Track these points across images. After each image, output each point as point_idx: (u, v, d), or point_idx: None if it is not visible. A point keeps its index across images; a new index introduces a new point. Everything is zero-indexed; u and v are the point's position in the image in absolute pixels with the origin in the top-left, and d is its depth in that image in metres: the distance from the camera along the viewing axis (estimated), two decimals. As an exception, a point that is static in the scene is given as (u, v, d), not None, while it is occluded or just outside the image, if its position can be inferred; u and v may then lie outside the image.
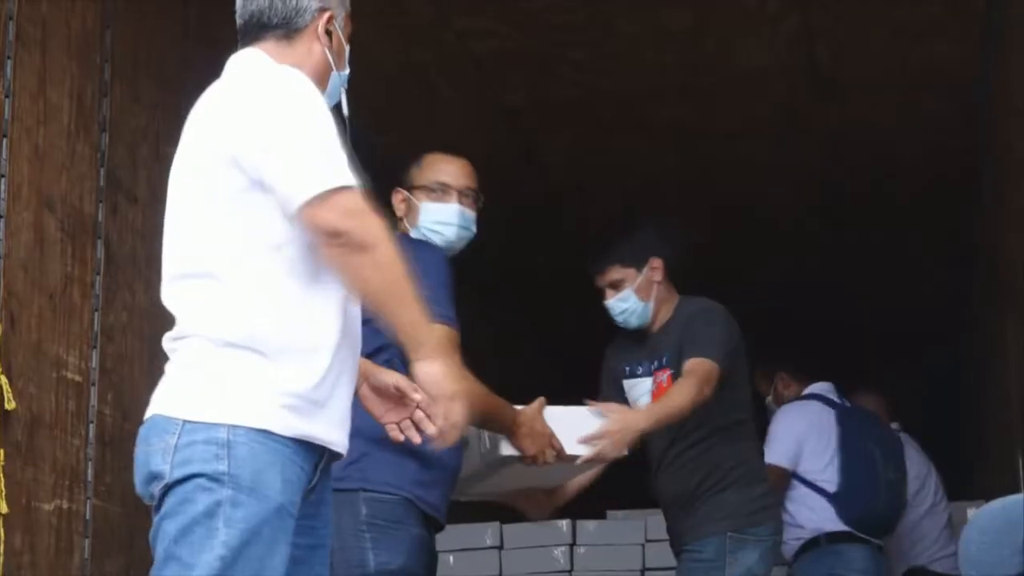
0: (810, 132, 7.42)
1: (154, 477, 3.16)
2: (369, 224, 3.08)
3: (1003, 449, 7.06)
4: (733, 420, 5.15)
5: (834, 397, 6.43)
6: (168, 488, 3.12)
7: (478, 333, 4.95)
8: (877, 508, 6.21)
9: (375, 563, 4.04)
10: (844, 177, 8.04)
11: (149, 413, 3.25)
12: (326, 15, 3.41)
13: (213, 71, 5.45)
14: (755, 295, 5.87)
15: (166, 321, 5.15)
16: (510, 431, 4.38)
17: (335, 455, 3.29)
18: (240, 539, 3.06)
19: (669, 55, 6.65)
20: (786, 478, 6.17)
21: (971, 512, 6.97)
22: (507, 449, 4.43)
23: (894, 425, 7.01)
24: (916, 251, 9.09)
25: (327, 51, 3.41)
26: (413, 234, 4.42)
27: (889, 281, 9.62)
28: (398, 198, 4.47)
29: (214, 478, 3.07)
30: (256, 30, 3.42)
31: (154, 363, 5.09)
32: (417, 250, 4.03)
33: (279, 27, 3.40)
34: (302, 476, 3.18)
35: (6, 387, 4.15)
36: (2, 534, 4.10)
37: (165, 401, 3.23)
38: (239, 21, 3.48)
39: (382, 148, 3.64)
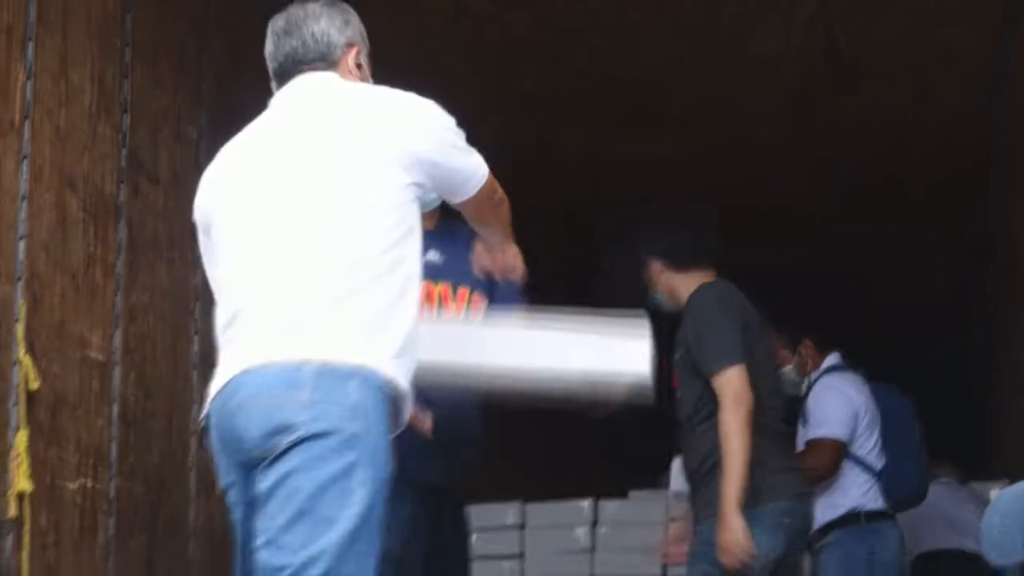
0: (826, 118, 7.42)
1: (284, 428, 3.20)
2: (499, 189, 3.64)
3: (1019, 432, 7.07)
4: (704, 412, 5.14)
5: (861, 372, 6.40)
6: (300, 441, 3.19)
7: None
8: (916, 489, 6.23)
9: None
10: (859, 164, 8.04)
11: (263, 361, 3.28)
12: (354, 50, 3.58)
13: (231, 54, 5.52)
14: (767, 283, 5.84)
15: (188, 301, 5.21)
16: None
17: None
18: (368, 501, 3.18)
19: (684, 42, 6.67)
20: (842, 453, 6.12)
21: (993, 493, 6.98)
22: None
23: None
24: (929, 239, 9.08)
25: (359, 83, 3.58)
26: None
27: (901, 267, 9.62)
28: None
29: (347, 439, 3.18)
30: (294, 67, 3.55)
31: (176, 343, 5.13)
32: None
33: (316, 62, 3.54)
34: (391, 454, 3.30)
35: (30, 367, 4.17)
36: (28, 513, 4.12)
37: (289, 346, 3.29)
38: (273, 64, 3.58)
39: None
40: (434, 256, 4.33)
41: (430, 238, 4.30)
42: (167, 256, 5.04)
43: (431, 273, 4.26)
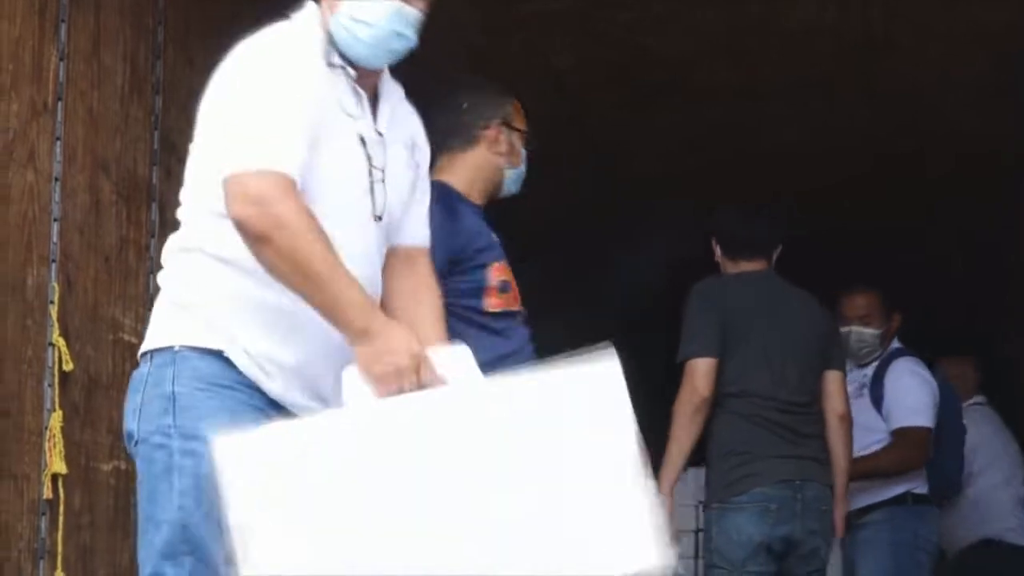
0: (859, 94, 7.38)
1: (128, 436, 3.21)
2: (269, 212, 2.95)
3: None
4: (717, 394, 5.25)
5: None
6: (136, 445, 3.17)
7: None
8: (956, 479, 6.23)
9: None
10: (895, 139, 7.99)
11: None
12: None
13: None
14: (796, 258, 5.83)
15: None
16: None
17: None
18: (197, 487, 3.03)
19: (715, 16, 6.63)
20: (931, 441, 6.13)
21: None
22: None
23: (979, 398, 6.98)
24: (960, 219, 9.04)
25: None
26: (511, 175, 4.40)
27: (932, 248, 9.58)
28: (499, 134, 4.40)
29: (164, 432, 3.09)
30: None
31: (208, 325, 5.13)
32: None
33: None
34: (262, 420, 3.05)
35: (64, 349, 4.18)
36: (62, 494, 4.14)
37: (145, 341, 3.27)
38: None
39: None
40: (495, 236, 4.35)
41: (485, 218, 4.35)
42: (200, 238, 5.03)
43: (500, 253, 4.29)
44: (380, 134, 3.26)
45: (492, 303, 4.22)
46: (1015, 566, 6.61)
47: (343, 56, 3.23)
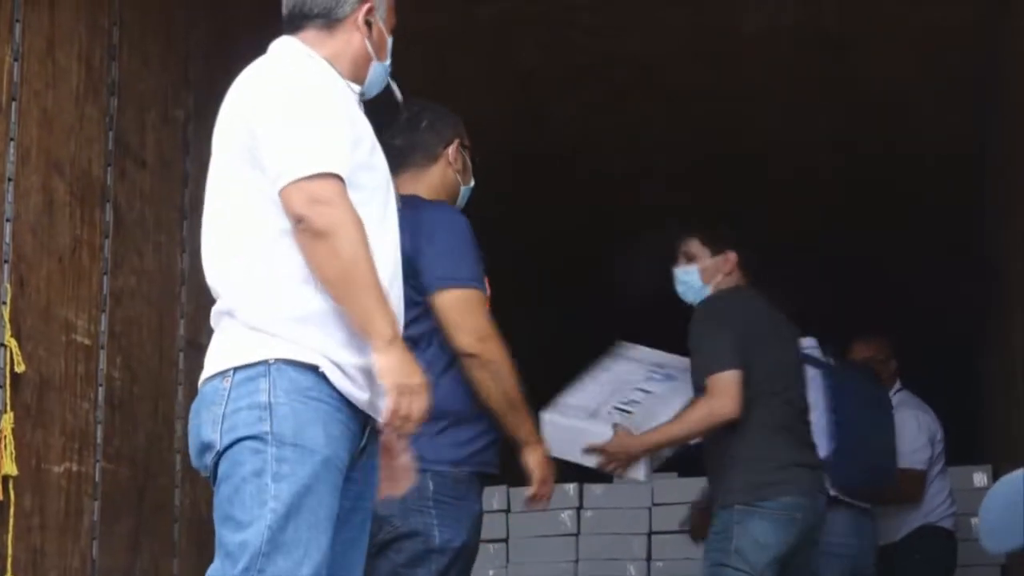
0: (820, 93, 7.41)
1: (206, 447, 3.28)
2: (331, 213, 3.20)
3: (1006, 413, 7.08)
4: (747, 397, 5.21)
5: (818, 355, 6.39)
6: (219, 455, 3.25)
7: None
8: (865, 474, 6.21)
9: (440, 539, 4.07)
10: (856, 137, 8.02)
11: (200, 382, 3.37)
12: (366, 6, 3.51)
13: (219, 34, 5.50)
14: (766, 257, 5.86)
15: (174, 284, 5.20)
16: (521, 446, 4.29)
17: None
18: (290, 492, 3.17)
19: (679, 18, 6.64)
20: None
21: (977, 477, 7.01)
22: None
23: (897, 385, 7.01)
24: (926, 218, 9.07)
25: (367, 41, 3.51)
26: (464, 192, 4.45)
27: (901, 246, 9.61)
28: (457, 152, 4.44)
29: (259, 438, 3.20)
30: (299, 20, 3.51)
31: (163, 326, 5.12)
32: (442, 212, 4.21)
33: (320, 17, 3.49)
34: (346, 434, 3.27)
35: (15, 350, 4.17)
36: (12, 496, 4.12)
37: (212, 362, 3.34)
38: (284, 10, 3.55)
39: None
40: None
41: None
42: (154, 239, 5.03)
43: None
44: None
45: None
46: (950, 550, 6.74)
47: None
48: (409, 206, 4.01)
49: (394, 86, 3.64)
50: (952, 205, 8.75)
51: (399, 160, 4.15)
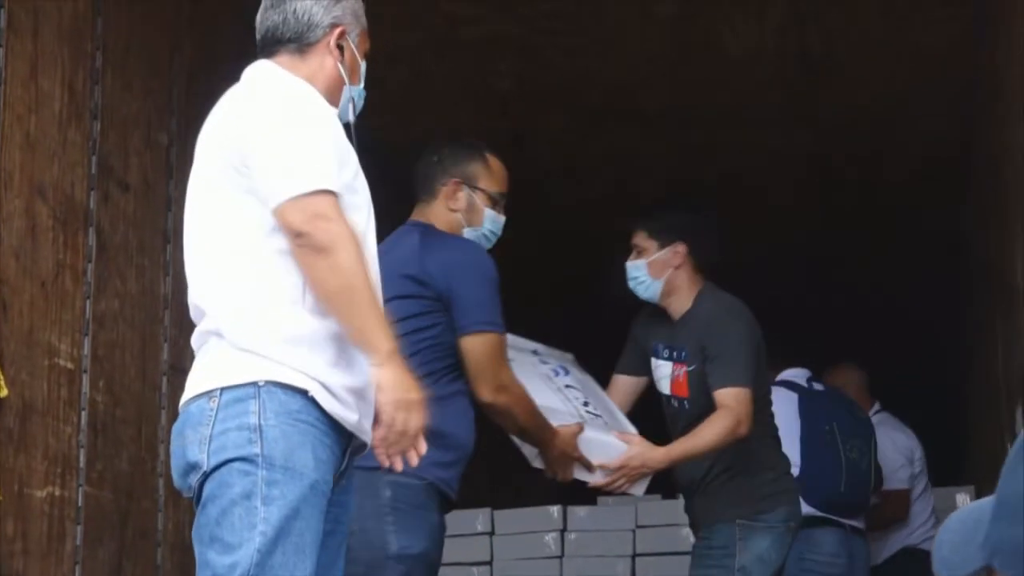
0: (800, 117, 7.43)
1: (191, 468, 3.27)
2: (332, 228, 3.22)
3: (991, 436, 7.09)
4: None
5: (803, 382, 6.43)
6: (206, 476, 3.24)
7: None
8: (840, 489, 6.22)
9: (397, 546, 4.07)
10: (836, 162, 8.04)
11: (182, 402, 3.37)
12: (338, 30, 3.54)
13: (202, 58, 5.50)
14: (745, 280, 5.86)
15: (157, 308, 5.19)
16: (544, 449, 4.59)
17: (362, 444, 3.40)
18: (280, 516, 3.17)
19: (657, 40, 6.66)
20: None
21: (959, 498, 7.02)
22: (536, 461, 4.67)
23: (876, 406, 7.04)
24: (907, 238, 9.09)
25: (339, 65, 3.53)
26: (468, 233, 4.47)
27: (881, 267, 9.63)
28: (457, 190, 4.47)
29: (249, 460, 3.19)
30: (272, 44, 3.53)
31: (146, 350, 5.11)
32: (475, 252, 4.32)
33: (292, 42, 3.52)
34: (331, 458, 3.29)
35: (-2, 374, 4.16)
36: (-5, 521, 4.11)
37: (198, 382, 3.34)
38: (257, 36, 3.58)
39: (370, 132, 3.67)
40: None
41: None
42: (137, 263, 5.02)
43: None
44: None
45: None
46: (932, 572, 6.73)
47: None
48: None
49: (351, 111, 3.62)
50: (936, 227, 8.78)
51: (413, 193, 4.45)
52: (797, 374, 6.47)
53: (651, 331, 5.28)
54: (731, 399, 4.93)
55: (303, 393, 3.24)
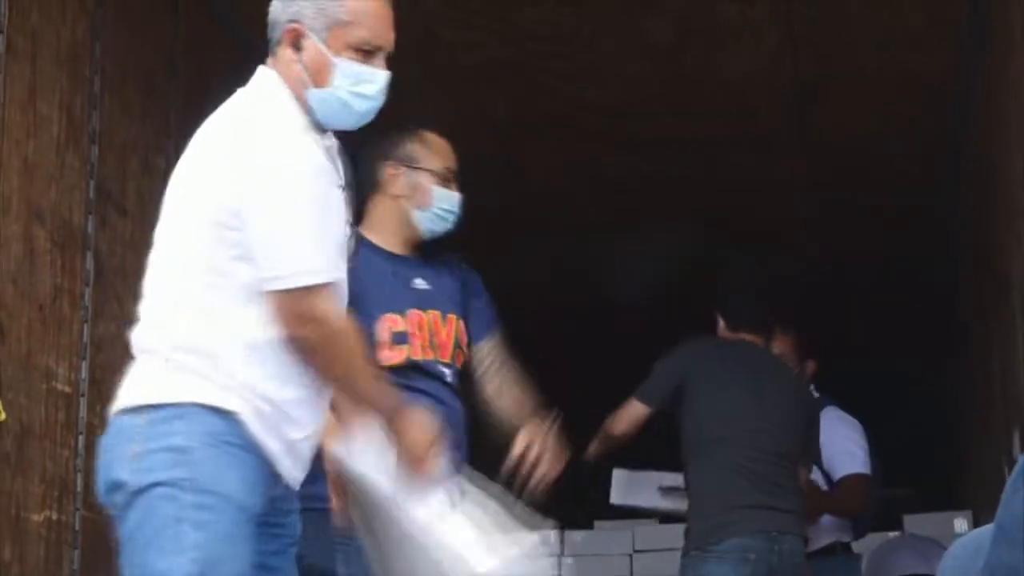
0: (794, 142, 7.45)
1: (117, 486, 3.18)
2: (324, 331, 3.21)
3: (988, 460, 7.09)
4: (685, 452, 5.42)
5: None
6: (132, 496, 3.15)
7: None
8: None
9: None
10: (830, 186, 8.06)
11: (111, 413, 3.30)
12: (291, 28, 3.33)
13: (199, 81, 5.51)
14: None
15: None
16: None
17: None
18: (210, 540, 3.08)
19: (652, 67, 6.68)
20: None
21: (957, 523, 7.01)
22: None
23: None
24: (901, 260, 9.11)
25: (299, 66, 3.32)
26: (418, 215, 4.32)
27: (874, 291, 9.64)
28: (394, 173, 4.34)
29: (175, 484, 3.11)
30: (269, 45, 3.43)
31: (143, 374, 5.11)
32: (469, 275, 4.34)
33: (269, 42, 3.41)
34: (261, 478, 3.19)
35: (-4, 398, 4.16)
36: (-8, 545, 4.10)
37: (127, 395, 3.27)
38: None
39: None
40: (422, 283, 4.33)
41: (417, 266, 4.33)
42: (134, 287, 4.97)
43: (420, 300, 4.27)
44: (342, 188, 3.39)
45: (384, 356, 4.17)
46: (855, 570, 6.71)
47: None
48: None
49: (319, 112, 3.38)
50: (923, 257, 8.80)
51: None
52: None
53: None
54: None
55: (230, 415, 3.16)
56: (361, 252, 4.09)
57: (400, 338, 4.20)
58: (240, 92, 3.39)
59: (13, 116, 4.34)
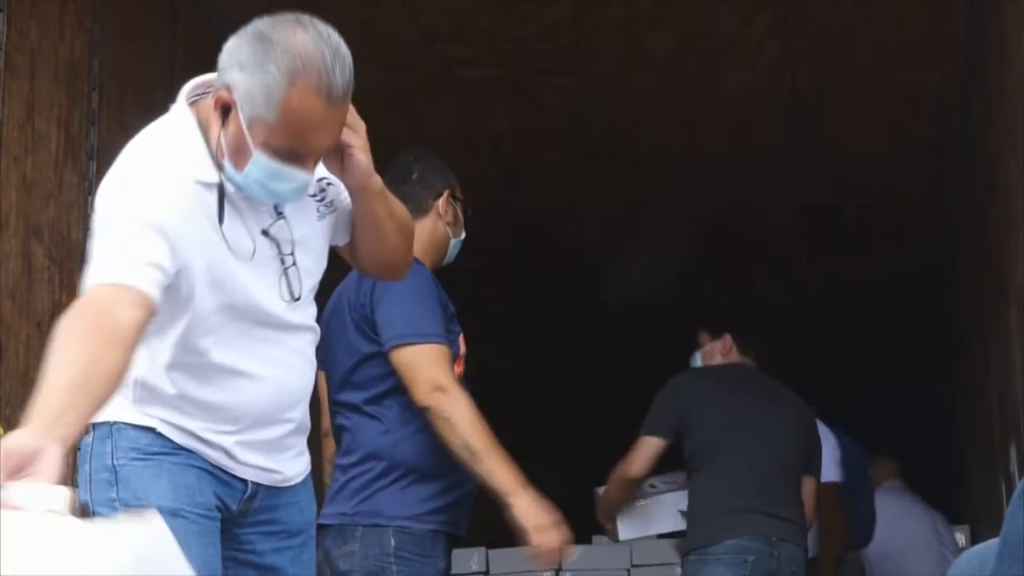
0: (794, 156, 7.46)
1: (84, 505, 3.20)
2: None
3: (986, 474, 7.10)
4: (689, 468, 5.55)
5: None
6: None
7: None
8: (870, 527, 6.36)
9: None
10: (828, 201, 8.07)
11: None
12: (223, 94, 3.08)
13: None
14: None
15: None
16: (501, 499, 4.09)
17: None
18: None
19: (652, 81, 6.69)
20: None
21: (956, 536, 7.01)
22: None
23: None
24: (900, 276, 9.12)
25: (222, 133, 3.07)
26: (454, 243, 4.39)
27: (873, 304, 9.65)
28: (447, 204, 4.39)
29: (109, 505, 3.12)
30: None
31: (141, 390, 5.12)
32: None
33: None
34: (205, 477, 3.15)
35: (-6, 415, 4.16)
36: (-10, 562, 4.10)
37: None
38: None
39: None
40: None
41: None
42: (132, 304, 5.02)
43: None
44: (280, 214, 3.17)
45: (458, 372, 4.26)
46: None
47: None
48: None
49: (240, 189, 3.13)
50: (921, 269, 8.81)
51: None
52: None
53: None
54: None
55: (151, 429, 3.14)
56: (421, 271, 4.13)
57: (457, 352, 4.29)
58: (149, 129, 3.28)
59: (11, 133, 4.35)
